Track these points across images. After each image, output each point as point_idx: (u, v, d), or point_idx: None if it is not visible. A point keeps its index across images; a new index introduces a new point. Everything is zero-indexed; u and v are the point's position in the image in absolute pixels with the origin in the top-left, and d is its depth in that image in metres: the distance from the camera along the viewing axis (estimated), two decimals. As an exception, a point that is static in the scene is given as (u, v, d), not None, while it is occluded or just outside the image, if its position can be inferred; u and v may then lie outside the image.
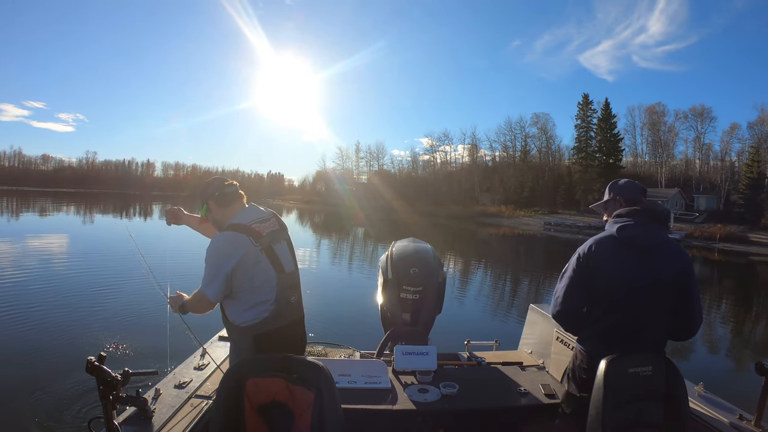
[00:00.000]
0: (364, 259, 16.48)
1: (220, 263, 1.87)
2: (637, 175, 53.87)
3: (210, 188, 2.06)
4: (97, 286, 8.60)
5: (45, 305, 7.06)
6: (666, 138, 56.87)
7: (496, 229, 38.85)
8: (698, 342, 7.91)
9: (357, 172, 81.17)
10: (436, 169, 72.87)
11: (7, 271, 9.83)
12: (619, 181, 2.09)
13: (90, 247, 14.54)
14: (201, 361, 2.39)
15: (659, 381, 1.75)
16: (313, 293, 8.16)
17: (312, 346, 3.51)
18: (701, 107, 54.69)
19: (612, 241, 1.86)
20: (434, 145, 73.61)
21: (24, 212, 31.83)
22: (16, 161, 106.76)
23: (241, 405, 1.53)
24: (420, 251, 3.15)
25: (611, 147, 55.14)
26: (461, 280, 12.47)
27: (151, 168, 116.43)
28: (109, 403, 1.47)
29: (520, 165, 63.54)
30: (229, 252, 1.87)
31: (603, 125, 55.86)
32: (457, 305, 9.08)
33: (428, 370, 2.59)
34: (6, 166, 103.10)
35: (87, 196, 61.80)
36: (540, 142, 65.11)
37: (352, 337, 5.61)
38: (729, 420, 1.99)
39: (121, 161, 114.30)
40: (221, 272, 1.86)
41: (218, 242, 1.92)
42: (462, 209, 52.76)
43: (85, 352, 5.11)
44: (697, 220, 40.76)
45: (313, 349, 3.47)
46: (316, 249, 18.95)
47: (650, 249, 1.83)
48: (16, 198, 49.71)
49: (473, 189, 64.56)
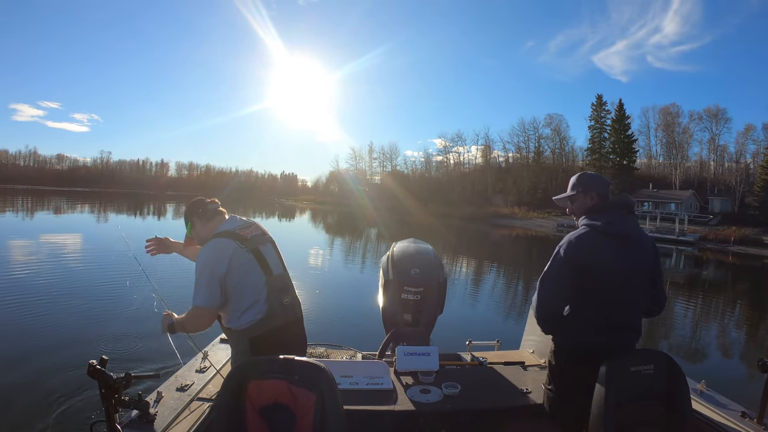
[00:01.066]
0: (366, 259, 16.48)
1: (212, 269, 1.92)
2: (651, 176, 53.75)
3: (193, 207, 2.17)
4: (100, 288, 8.60)
5: (47, 307, 7.06)
6: (680, 139, 56.69)
7: (509, 230, 38.50)
8: (700, 340, 7.91)
9: (370, 172, 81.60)
10: (450, 170, 72.81)
11: (9, 271, 9.86)
12: (586, 174, 2.10)
13: (96, 248, 14.52)
14: (202, 364, 2.39)
15: (661, 379, 1.75)
16: (314, 294, 8.19)
17: (313, 348, 3.51)
18: (716, 108, 54.56)
19: (599, 235, 1.87)
20: (447, 145, 73.76)
21: (37, 210, 32.03)
22: (32, 160, 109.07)
23: (242, 407, 1.53)
24: (421, 252, 3.16)
25: (625, 148, 54.76)
26: (462, 281, 12.47)
27: (165, 168, 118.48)
28: (111, 406, 1.47)
29: (533, 166, 63.30)
30: (219, 256, 1.93)
31: (617, 126, 55.57)
32: (459, 305, 9.06)
33: (430, 370, 2.59)
34: (22, 166, 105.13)
35: (101, 196, 62.67)
36: (553, 143, 65.14)
37: (354, 338, 5.61)
38: (731, 418, 1.98)
39: (136, 161, 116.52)
40: (215, 278, 1.91)
41: (207, 250, 1.98)
42: (475, 210, 52.60)
43: (86, 356, 5.11)
44: (712, 223, 40.30)
45: (314, 351, 3.48)
46: (322, 249, 18.97)
47: (637, 239, 1.91)
48: (31, 197, 50.26)
49: (486, 190, 64.39)
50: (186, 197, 65.31)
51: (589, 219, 1.93)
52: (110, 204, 45.40)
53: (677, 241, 32.15)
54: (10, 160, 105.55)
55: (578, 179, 2.08)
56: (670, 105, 58.43)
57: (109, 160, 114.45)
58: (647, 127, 59.59)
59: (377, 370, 2.54)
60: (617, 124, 55.65)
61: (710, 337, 8.26)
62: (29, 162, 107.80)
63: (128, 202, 49.99)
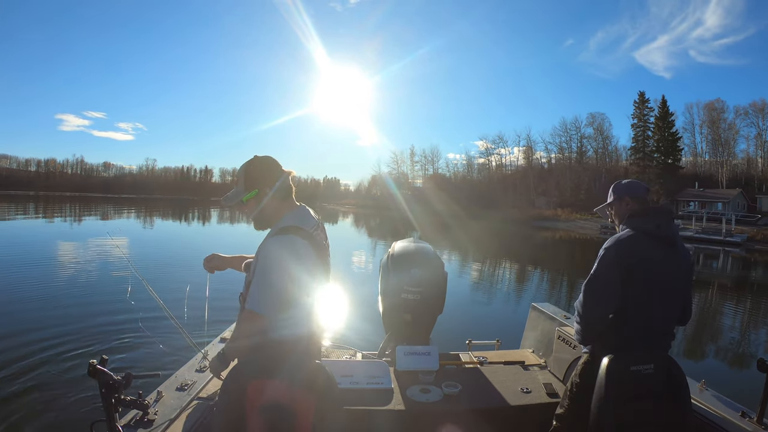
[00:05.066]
0: (367, 260, 16.49)
1: (290, 271, 1.52)
2: (697, 175, 52.12)
3: (269, 172, 1.68)
4: (101, 289, 8.60)
5: (49, 308, 7.06)
6: (726, 136, 54.62)
7: (551, 232, 37.38)
8: (700, 339, 7.90)
9: (412, 176, 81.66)
10: (492, 172, 72.32)
11: (10, 271, 9.88)
12: (622, 181, 2.11)
13: (99, 251, 14.52)
14: (202, 363, 2.39)
15: (661, 379, 1.75)
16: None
17: None
18: (762, 102, 52.54)
19: (646, 238, 1.85)
20: (489, 147, 73.31)
21: (71, 216, 32.07)
22: (79, 168, 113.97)
23: (242, 407, 1.53)
24: (421, 251, 3.15)
25: (669, 146, 53.09)
26: (462, 280, 12.46)
27: (209, 174, 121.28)
28: (111, 405, 1.47)
29: (576, 167, 61.94)
30: (303, 254, 1.55)
31: (660, 124, 53.88)
32: (459, 305, 9.06)
33: (430, 370, 2.59)
34: (69, 174, 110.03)
35: (147, 202, 64.69)
36: (596, 143, 63.86)
37: (354, 338, 5.62)
38: (731, 417, 1.98)
39: (180, 167, 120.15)
40: (293, 280, 1.52)
41: (287, 246, 1.55)
42: (517, 213, 51.74)
43: (87, 355, 5.12)
44: (760, 223, 38.18)
45: None
46: (357, 251, 18.91)
47: (679, 244, 1.90)
48: (79, 203, 51.65)
49: (529, 192, 63.30)
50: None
51: (634, 222, 1.91)
52: (155, 209, 46.41)
53: (724, 242, 30.55)
54: (58, 168, 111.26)
55: (612, 188, 2.10)
56: (715, 100, 56.26)
57: (154, 167, 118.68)
58: (692, 124, 57.51)
59: (377, 370, 2.54)
60: (661, 121, 53.82)
61: (710, 335, 8.26)
62: (77, 170, 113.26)
63: (173, 208, 51.24)
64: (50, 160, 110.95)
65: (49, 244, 15.83)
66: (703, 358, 6.97)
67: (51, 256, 12.89)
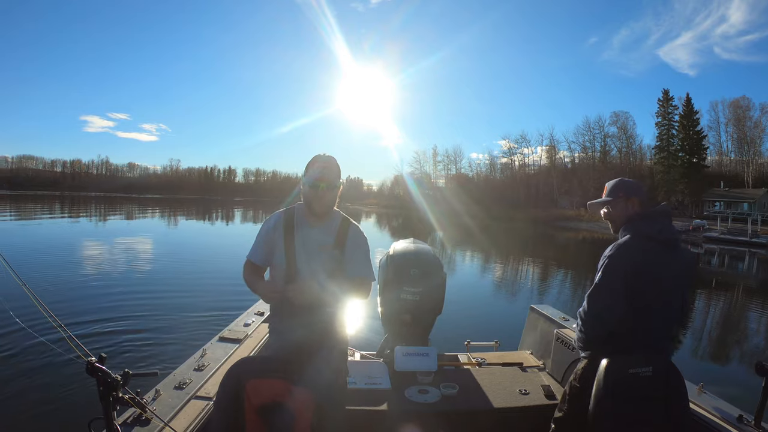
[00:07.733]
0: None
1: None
2: (722, 174, 51.09)
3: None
4: (98, 287, 8.60)
5: (46, 302, 7.04)
6: (752, 134, 53.51)
7: (574, 233, 36.61)
8: (698, 342, 7.90)
9: (435, 176, 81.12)
10: (515, 172, 71.46)
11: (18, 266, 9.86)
12: (626, 179, 2.06)
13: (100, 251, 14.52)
14: (201, 362, 2.39)
15: (659, 381, 1.75)
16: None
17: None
18: None
19: (649, 242, 1.83)
20: (512, 147, 72.56)
21: (91, 215, 32.11)
22: (104, 169, 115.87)
23: (241, 406, 1.53)
24: (420, 252, 3.16)
25: (694, 145, 52.41)
26: (461, 281, 12.46)
27: (233, 174, 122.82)
28: (110, 404, 1.47)
29: (599, 166, 60.72)
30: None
31: (685, 122, 53.23)
32: (457, 306, 9.03)
33: (428, 370, 2.59)
34: (95, 174, 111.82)
35: (171, 202, 65.42)
36: (620, 142, 62.72)
37: (353, 337, 5.56)
38: (729, 420, 1.98)
39: (204, 168, 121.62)
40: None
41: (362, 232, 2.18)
42: (540, 213, 51.14)
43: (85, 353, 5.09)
44: None
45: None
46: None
47: (681, 248, 1.89)
48: (103, 204, 51.44)
49: (552, 192, 62.51)
50: (253, 202, 67.62)
51: (636, 225, 1.87)
52: (180, 209, 46.81)
53: (749, 243, 29.86)
54: (83, 169, 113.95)
55: (620, 184, 2.02)
56: (740, 98, 55.13)
57: (178, 168, 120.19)
58: (717, 122, 56.21)
59: (376, 370, 2.54)
60: (685, 120, 53.19)
61: (708, 338, 8.26)
62: (102, 171, 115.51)
63: (197, 208, 51.56)
64: (75, 161, 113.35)
65: (66, 242, 15.86)
66: (701, 361, 6.97)
67: (60, 253, 12.86)
